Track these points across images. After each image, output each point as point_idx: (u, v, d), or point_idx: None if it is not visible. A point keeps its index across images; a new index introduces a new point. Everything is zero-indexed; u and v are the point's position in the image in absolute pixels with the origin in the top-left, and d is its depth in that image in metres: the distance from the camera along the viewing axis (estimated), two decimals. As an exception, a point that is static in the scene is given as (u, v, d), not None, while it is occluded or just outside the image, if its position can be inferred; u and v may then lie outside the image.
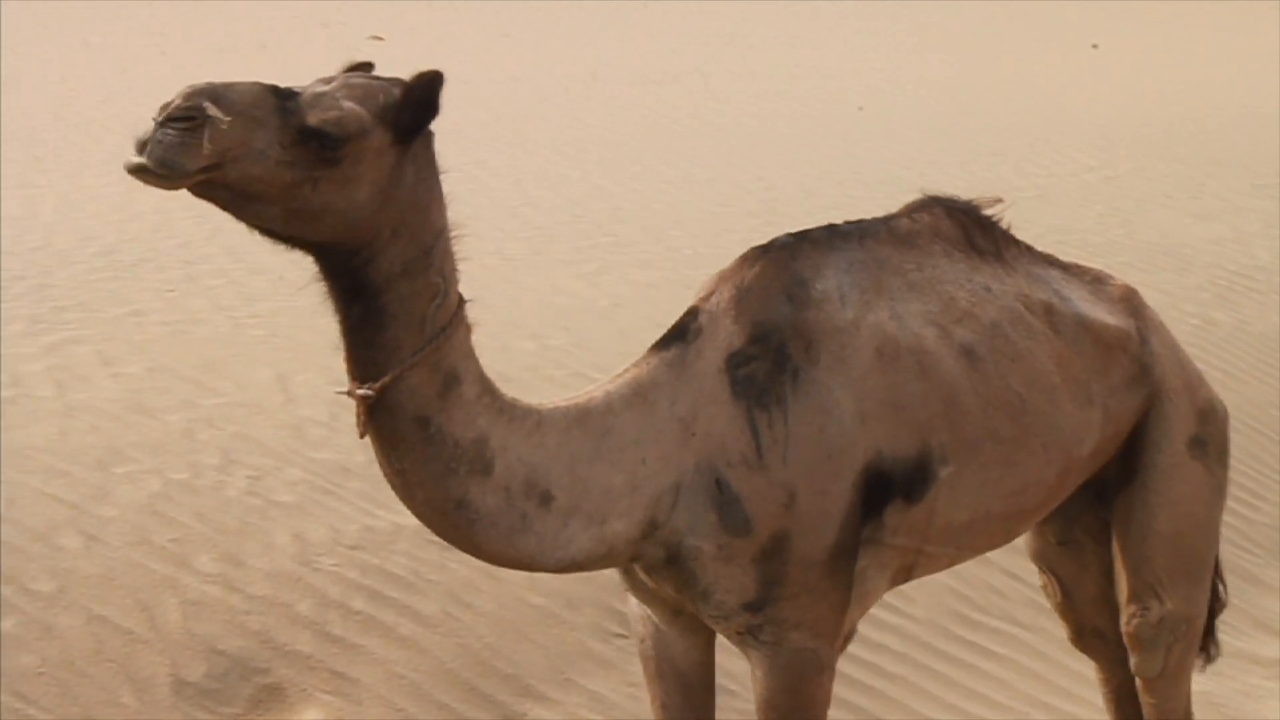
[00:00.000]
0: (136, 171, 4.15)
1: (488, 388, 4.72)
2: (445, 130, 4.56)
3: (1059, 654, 8.34)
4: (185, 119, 4.14)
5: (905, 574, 5.31)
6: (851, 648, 5.97)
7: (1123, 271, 15.23)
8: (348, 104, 4.34)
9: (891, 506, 5.08)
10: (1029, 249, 5.69)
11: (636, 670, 7.57)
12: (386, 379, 4.51)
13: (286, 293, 12.04)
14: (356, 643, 7.76)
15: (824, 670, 5.07)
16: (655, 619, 5.30)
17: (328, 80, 4.47)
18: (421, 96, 4.44)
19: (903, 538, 5.15)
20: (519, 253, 14.69)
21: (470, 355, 4.69)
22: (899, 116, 24.74)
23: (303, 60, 28.70)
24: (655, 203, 17.50)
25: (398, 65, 4.86)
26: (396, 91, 4.44)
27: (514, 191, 17.74)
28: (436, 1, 39.59)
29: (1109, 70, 32.10)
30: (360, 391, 4.54)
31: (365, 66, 4.64)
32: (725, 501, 4.87)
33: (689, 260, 14.35)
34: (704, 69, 29.65)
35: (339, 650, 7.70)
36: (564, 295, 13.14)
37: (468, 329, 4.69)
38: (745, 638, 5.01)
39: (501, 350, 10.71)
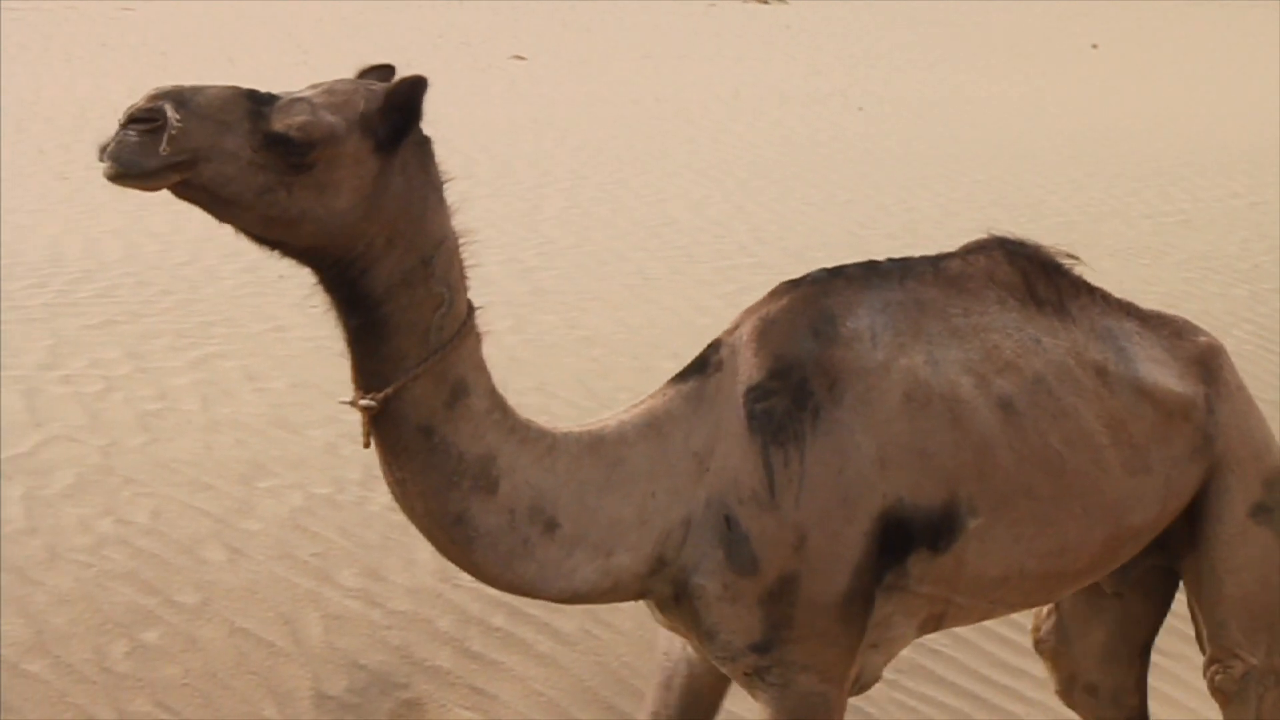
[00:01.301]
0: (110, 178, 4.16)
1: (499, 404, 4.61)
2: (588, 150, 4.55)
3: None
4: (146, 120, 4.12)
5: (935, 623, 5.13)
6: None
7: (1266, 298, 15.13)
8: (320, 110, 4.27)
9: (916, 555, 4.89)
10: (1105, 298, 5.42)
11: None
12: (389, 390, 4.42)
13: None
14: (496, 659, 7.78)
15: (832, 714, 4.91)
16: (690, 645, 5.15)
17: (316, 85, 4.41)
18: (402, 103, 4.36)
19: (929, 586, 4.97)
20: (660, 273, 14.71)
21: (481, 367, 4.59)
22: (1044, 139, 24.55)
23: (440, 78, 28.88)
24: (797, 224, 17.47)
25: (541, 86, 4.85)
26: (379, 98, 4.36)
27: (655, 212, 17.75)
28: (577, 23, 39.72)
29: (1260, 96, 31.71)
30: (363, 403, 4.45)
31: (384, 70, 4.60)
32: (733, 539, 4.73)
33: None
34: (846, 91, 29.58)
35: (478, 666, 7.72)
36: (705, 315, 13.12)
37: (478, 339, 4.59)
38: (752, 679, 4.86)
39: (643, 370, 10.70)
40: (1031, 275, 5.26)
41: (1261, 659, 5.56)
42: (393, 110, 4.36)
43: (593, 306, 13.07)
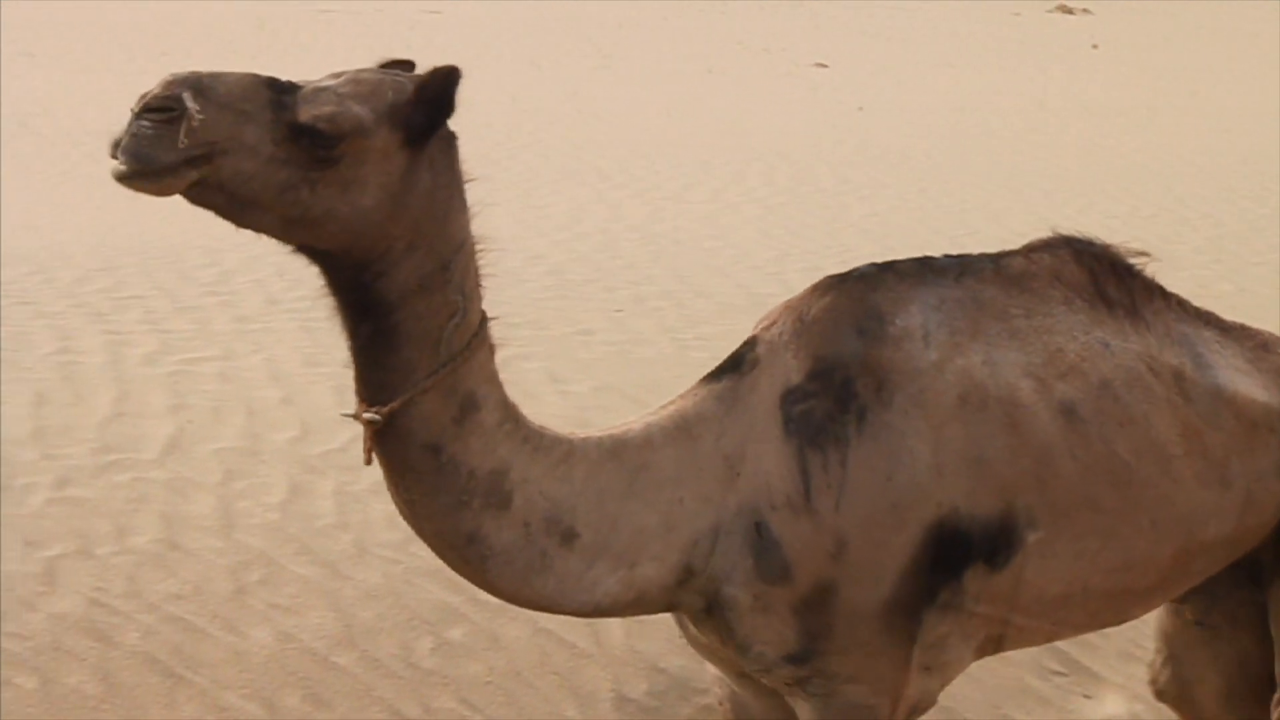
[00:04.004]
0: (121, 179, 3.83)
1: (511, 414, 4.31)
2: (888, 158, 4.45)
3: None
4: (162, 110, 3.80)
5: (994, 645, 4.80)
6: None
7: None
8: (347, 101, 3.97)
9: (971, 570, 4.56)
10: (1181, 304, 5.05)
11: (1076, 708, 7.46)
12: (395, 404, 4.14)
13: (731, 317, 12.15)
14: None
15: None
16: (728, 680, 4.90)
17: (339, 75, 4.10)
18: (435, 94, 4.04)
19: (986, 606, 4.64)
20: (961, 285, 14.55)
21: (493, 379, 4.29)
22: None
23: (741, 84, 28.98)
24: (1100, 237, 17.18)
25: (841, 93, 4.78)
26: (409, 89, 4.05)
27: (956, 222, 17.62)
28: (878, 31, 39.57)
29: None
30: (367, 416, 4.17)
31: (405, 64, 4.26)
32: (764, 546, 4.42)
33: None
34: (1152, 104, 29.07)
35: (776, 676, 7.70)
36: (1007, 329, 12.96)
37: (491, 350, 4.30)
38: (794, 689, 4.59)
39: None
40: (1101, 276, 4.88)
41: None
42: (424, 103, 4.04)
43: (893, 317, 12.87)
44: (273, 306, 13.09)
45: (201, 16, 36.91)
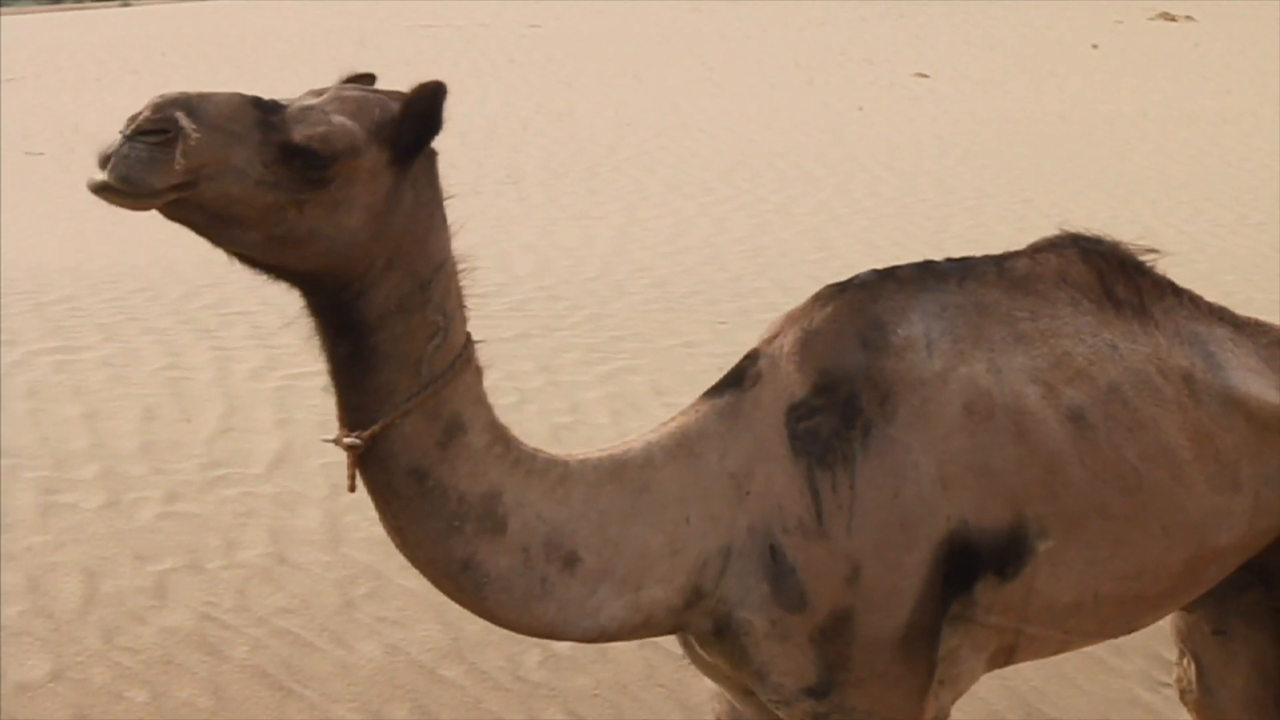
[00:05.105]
0: (100, 190, 3.69)
1: (500, 436, 4.18)
2: (992, 168, 4.38)
3: None
4: (156, 132, 3.68)
5: (1006, 656, 4.67)
6: None
7: None
8: (338, 119, 3.86)
9: (982, 582, 4.45)
10: (1193, 301, 4.90)
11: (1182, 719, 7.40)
12: (376, 428, 4.01)
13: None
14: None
15: None
16: (729, 697, 4.78)
17: (319, 92, 3.97)
18: (423, 110, 3.91)
19: (998, 617, 4.52)
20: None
21: (480, 401, 4.15)
22: None
23: (844, 94, 28.93)
24: (1207, 245, 17.07)
25: (944, 103, 4.72)
26: (394, 106, 3.93)
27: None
28: (980, 40, 39.43)
29: None
30: (348, 441, 4.04)
31: (366, 78, 4.15)
32: (779, 572, 4.28)
33: (1242, 305, 13.90)
34: (1258, 111, 28.78)
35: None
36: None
37: (477, 371, 4.17)
38: None
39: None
40: (1108, 275, 4.73)
41: None
42: (412, 119, 3.92)
43: (999, 328, 12.81)
44: (378, 321, 13.16)
45: (303, 33, 37.18)
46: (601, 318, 13.08)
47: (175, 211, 3.76)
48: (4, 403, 10.95)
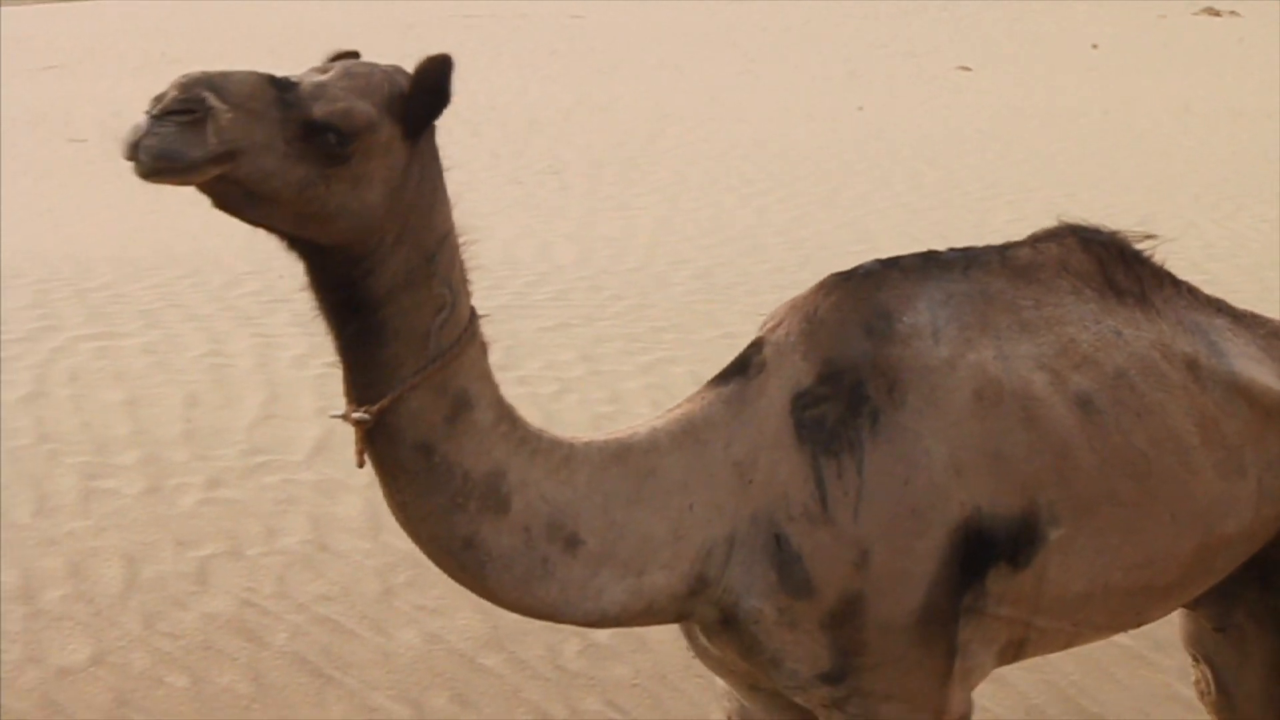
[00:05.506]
0: (148, 175, 3.71)
1: (506, 414, 4.18)
2: (1034, 163, 4.34)
3: None
4: (183, 111, 3.69)
5: (1015, 650, 4.66)
6: None
7: None
8: (353, 96, 3.87)
9: (994, 571, 4.43)
10: (1191, 291, 4.91)
11: None
12: (384, 402, 4.01)
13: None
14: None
15: None
16: (737, 695, 4.76)
17: (324, 69, 3.98)
18: (433, 84, 3.93)
19: (1009, 608, 4.51)
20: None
21: (486, 377, 4.14)
22: None
23: (886, 87, 28.88)
24: (1250, 241, 16.99)
25: (986, 97, 4.68)
26: (401, 81, 3.95)
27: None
28: (1022, 34, 39.29)
29: None
30: (356, 416, 4.04)
31: (350, 55, 4.11)
32: (784, 559, 4.27)
33: (1287, 303, 13.90)
34: (1303, 106, 28.68)
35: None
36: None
37: (483, 347, 4.14)
38: (832, 711, 4.43)
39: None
40: (1109, 263, 4.75)
41: None
42: (423, 93, 3.94)
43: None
44: (419, 309, 13.18)
45: (345, 24, 37.25)
46: (643, 308, 13.08)
47: (212, 187, 3.78)
48: (46, 388, 10.99)
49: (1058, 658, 7.79)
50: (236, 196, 3.81)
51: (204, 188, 3.79)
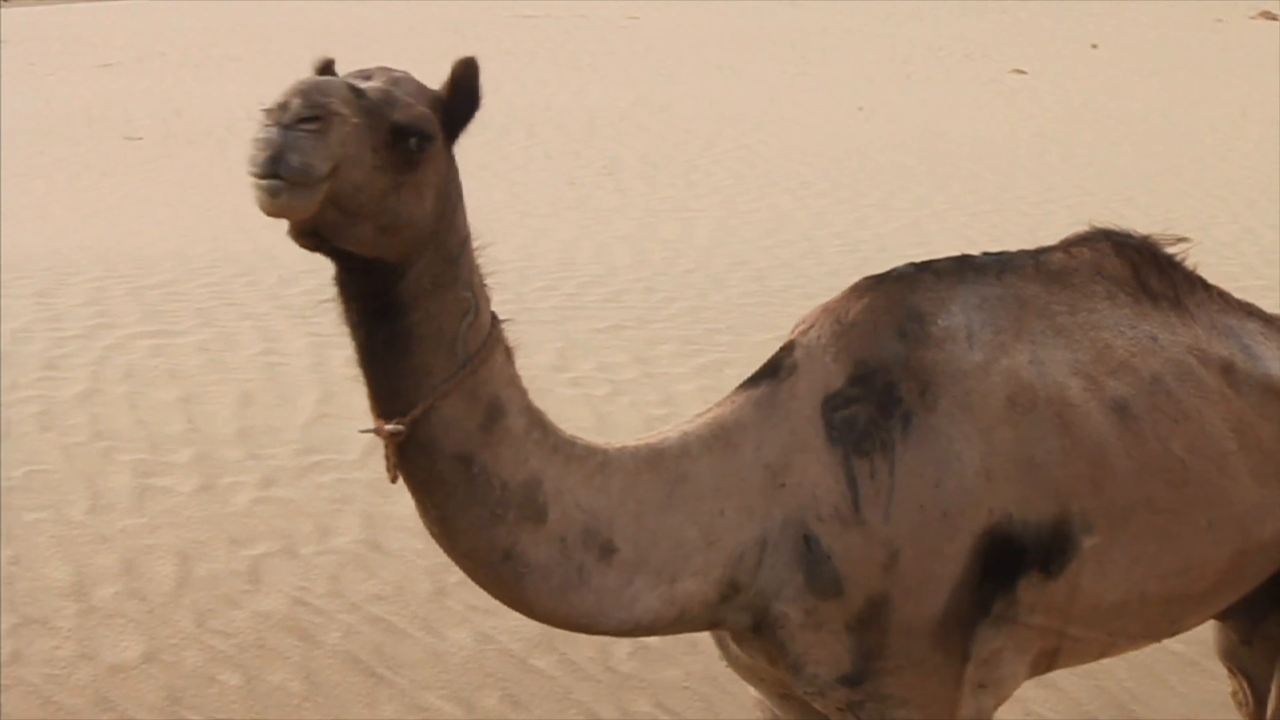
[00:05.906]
0: (276, 198, 3.61)
1: (538, 421, 4.13)
2: (1093, 166, 4.31)
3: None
4: (311, 119, 3.62)
5: (1048, 660, 4.62)
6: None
7: None
8: (417, 101, 3.81)
9: (1026, 579, 4.39)
10: (1223, 296, 4.90)
11: (1281, 729, 7.32)
12: (417, 411, 3.93)
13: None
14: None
15: None
16: (768, 703, 4.74)
17: (364, 75, 3.88)
18: (470, 87, 3.88)
19: (1041, 617, 4.46)
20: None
21: (514, 383, 4.09)
22: None
23: (941, 90, 28.80)
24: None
25: (1043, 100, 4.64)
26: (429, 87, 3.90)
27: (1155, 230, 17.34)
28: (1080, 37, 39.12)
29: None
30: (389, 428, 3.95)
31: (327, 63, 3.99)
32: (813, 560, 4.24)
33: (1345, 309, 13.78)
34: (1363, 110, 28.49)
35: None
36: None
37: (508, 352, 4.10)
38: (846, 715, 4.40)
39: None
40: (1142, 268, 4.72)
41: None
42: (461, 97, 3.88)
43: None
44: (473, 310, 13.20)
45: (401, 23, 37.31)
46: (698, 310, 13.06)
47: (320, 215, 3.68)
48: (102, 385, 11.04)
49: (1110, 663, 7.74)
50: (333, 219, 3.72)
51: (315, 218, 3.69)
